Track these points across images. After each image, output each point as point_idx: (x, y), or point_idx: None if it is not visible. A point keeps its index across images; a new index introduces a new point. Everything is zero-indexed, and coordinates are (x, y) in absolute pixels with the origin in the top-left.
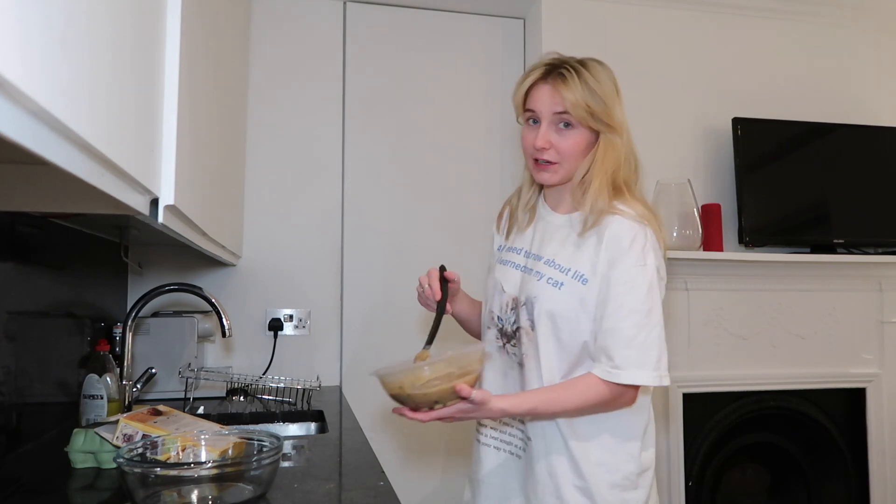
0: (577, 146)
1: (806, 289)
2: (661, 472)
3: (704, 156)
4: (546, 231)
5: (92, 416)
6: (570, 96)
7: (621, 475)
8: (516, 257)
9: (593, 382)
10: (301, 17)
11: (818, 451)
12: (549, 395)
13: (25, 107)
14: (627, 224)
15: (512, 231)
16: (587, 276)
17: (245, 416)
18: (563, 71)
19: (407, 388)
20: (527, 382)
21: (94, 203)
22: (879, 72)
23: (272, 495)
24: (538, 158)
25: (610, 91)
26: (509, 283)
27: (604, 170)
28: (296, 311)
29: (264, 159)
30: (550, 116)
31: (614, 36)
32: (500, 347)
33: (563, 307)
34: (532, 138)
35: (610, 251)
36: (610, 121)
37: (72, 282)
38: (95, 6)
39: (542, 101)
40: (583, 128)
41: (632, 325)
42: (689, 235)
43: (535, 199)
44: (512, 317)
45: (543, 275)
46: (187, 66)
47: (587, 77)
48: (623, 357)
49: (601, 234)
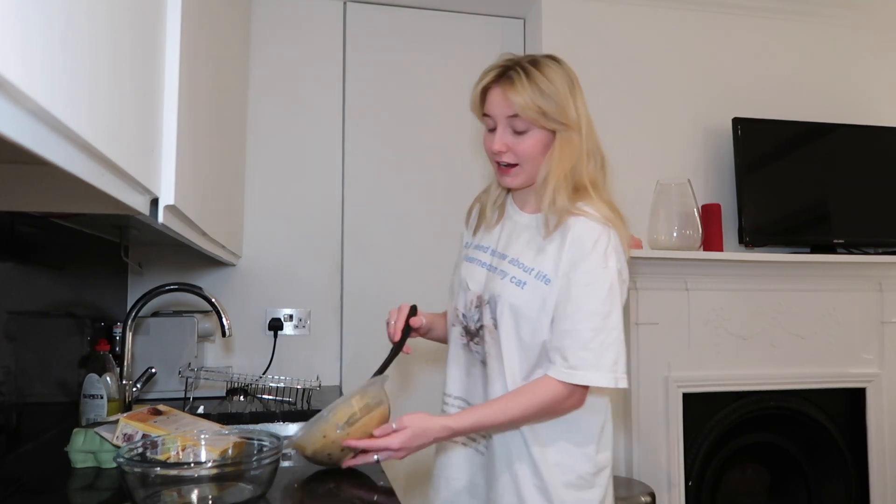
0: (533, 147)
1: (806, 289)
2: (660, 472)
3: (704, 156)
4: (513, 230)
5: (92, 415)
6: (517, 99)
7: (576, 475)
8: (483, 255)
9: (546, 384)
10: (301, 17)
11: (818, 451)
12: (493, 406)
13: (25, 107)
14: (591, 225)
15: (480, 228)
16: (550, 276)
17: (245, 416)
18: (512, 73)
19: (331, 433)
20: (489, 380)
21: (94, 203)
22: (879, 72)
23: (272, 495)
24: (499, 162)
25: (563, 88)
26: (474, 281)
27: (560, 168)
28: (296, 311)
29: (264, 159)
30: (504, 120)
31: (614, 36)
32: (465, 345)
33: (525, 306)
34: (491, 142)
35: (572, 252)
36: (564, 119)
37: (72, 282)
38: (95, 6)
39: (496, 105)
40: (538, 128)
41: (590, 327)
42: (689, 235)
43: (503, 197)
44: (476, 314)
45: (507, 273)
46: (187, 66)
47: (537, 77)
48: (578, 358)
49: (564, 234)
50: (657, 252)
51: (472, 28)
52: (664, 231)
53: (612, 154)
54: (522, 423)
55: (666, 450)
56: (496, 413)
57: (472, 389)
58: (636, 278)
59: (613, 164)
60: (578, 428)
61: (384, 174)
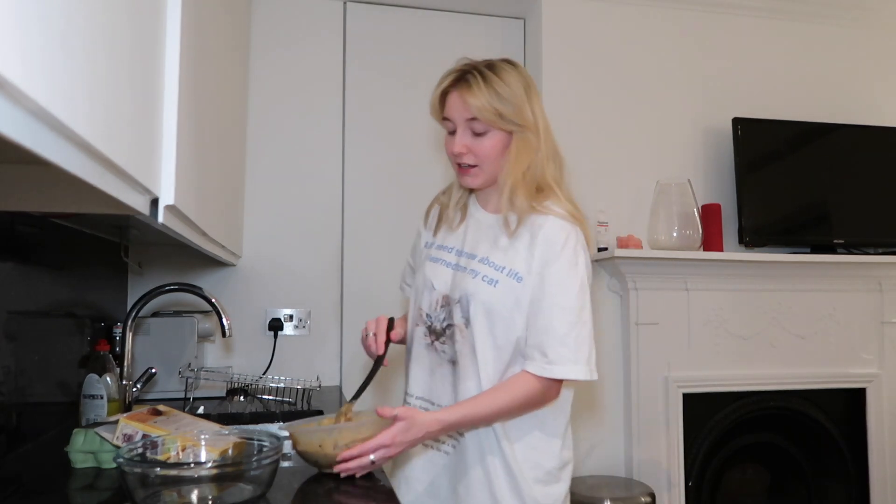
0: (493, 148)
1: (806, 289)
2: (660, 472)
3: (704, 156)
4: (478, 230)
5: (92, 415)
6: (475, 102)
7: (544, 471)
8: (447, 255)
9: (525, 380)
10: (301, 17)
11: (818, 451)
12: (479, 401)
13: (25, 106)
14: (560, 224)
15: (441, 228)
16: (522, 274)
17: (245, 416)
18: (469, 77)
19: (327, 446)
20: (460, 379)
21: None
22: (879, 72)
23: (272, 495)
24: (459, 163)
25: (519, 91)
26: (439, 281)
27: (518, 168)
28: (296, 311)
29: (264, 159)
30: (464, 123)
31: (614, 36)
32: (429, 345)
33: (498, 305)
34: (451, 145)
35: (544, 250)
36: (521, 120)
37: (72, 282)
38: (95, 6)
39: (455, 108)
40: (496, 130)
41: (565, 322)
42: (689, 235)
43: (465, 197)
44: (442, 314)
45: (479, 273)
46: (187, 66)
47: (493, 80)
48: (557, 353)
49: (535, 233)
50: (657, 252)
51: (472, 28)
52: (664, 231)
53: (612, 154)
54: (505, 417)
55: (666, 450)
56: (483, 407)
57: (437, 389)
58: (636, 278)
59: (613, 164)
60: (545, 424)
61: (384, 174)
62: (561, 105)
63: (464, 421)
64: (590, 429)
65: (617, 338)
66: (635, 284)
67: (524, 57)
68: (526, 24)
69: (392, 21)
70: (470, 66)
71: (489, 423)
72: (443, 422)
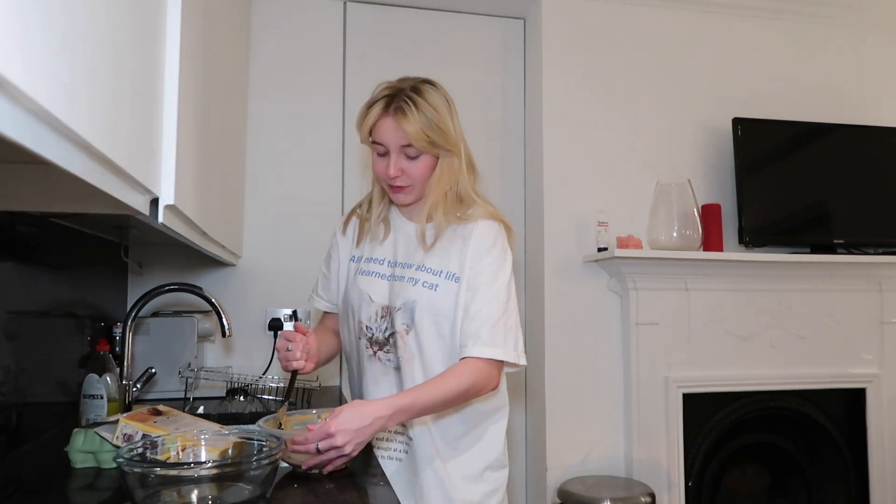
0: (426, 170)
1: (806, 289)
2: (660, 472)
3: (704, 156)
4: (408, 239)
5: (92, 415)
6: (410, 129)
7: (494, 457)
8: (379, 267)
9: (469, 365)
10: (301, 16)
11: (818, 451)
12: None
13: (25, 106)
14: (489, 224)
15: (363, 241)
16: (458, 274)
17: (245, 416)
18: (402, 104)
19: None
20: (404, 385)
21: (94, 203)
22: (879, 72)
23: (272, 495)
24: (392, 185)
25: (444, 114)
26: (376, 293)
27: (441, 188)
28: (296, 310)
29: (264, 159)
30: (398, 148)
31: (614, 36)
32: (371, 356)
33: (442, 307)
34: (384, 167)
35: (475, 250)
36: (448, 145)
37: (72, 282)
38: (96, 6)
39: (388, 133)
40: (426, 154)
41: (496, 310)
42: (689, 235)
43: (386, 210)
44: (383, 324)
45: (418, 279)
46: (187, 66)
47: (424, 106)
48: (491, 336)
49: (466, 238)
50: (657, 252)
51: (472, 28)
52: (664, 231)
53: (612, 154)
54: (452, 403)
55: (666, 450)
56: (432, 392)
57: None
58: (636, 278)
59: (613, 164)
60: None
61: None
62: (561, 105)
63: (414, 406)
64: (590, 429)
65: (617, 338)
66: (635, 284)
67: (524, 57)
68: (526, 24)
69: (392, 21)
70: (395, 89)
71: (437, 410)
72: (394, 405)
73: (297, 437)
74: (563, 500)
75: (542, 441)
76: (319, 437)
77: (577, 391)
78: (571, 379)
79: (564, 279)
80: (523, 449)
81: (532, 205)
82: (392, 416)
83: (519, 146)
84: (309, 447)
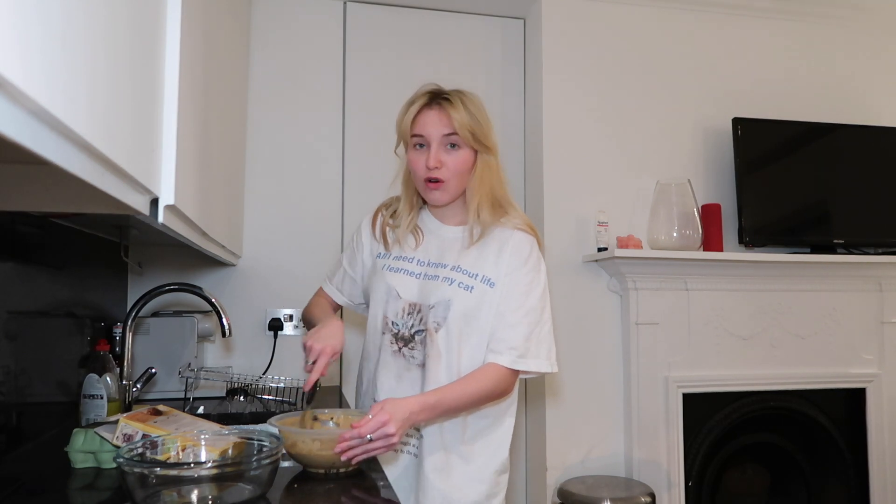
0: (464, 164)
1: (806, 289)
2: (660, 472)
3: (704, 156)
4: (443, 242)
5: (92, 415)
6: (457, 117)
7: (500, 461)
8: (409, 265)
9: (494, 370)
10: (301, 16)
11: (818, 451)
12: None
13: (25, 106)
14: (525, 237)
15: (390, 242)
16: (493, 279)
17: (245, 416)
18: (448, 96)
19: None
20: (427, 382)
21: (94, 203)
22: (879, 72)
23: (272, 495)
24: (430, 178)
25: (485, 117)
26: (405, 290)
27: (483, 186)
28: (296, 311)
29: (264, 159)
30: (440, 138)
31: (614, 36)
32: (396, 352)
33: (475, 308)
34: (423, 160)
35: (511, 259)
36: (487, 142)
37: (72, 282)
38: (95, 6)
39: (431, 124)
40: (466, 148)
41: (531, 321)
42: (689, 235)
43: (416, 217)
44: (410, 321)
45: (454, 280)
46: (187, 66)
47: (468, 102)
48: (525, 348)
49: (502, 244)
50: (657, 252)
51: (472, 28)
52: (664, 231)
53: (612, 154)
54: (473, 405)
55: (666, 450)
56: (455, 393)
57: (404, 393)
58: (636, 278)
59: (614, 164)
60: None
61: (384, 174)
62: (561, 105)
63: (439, 405)
64: (590, 429)
65: (617, 338)
66: (635, 284)
67: (524, 57)
68: (526, 24)
69: (392, 21)
70: (440, 89)
71: (457, 411)
72: (423, 403)
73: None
74: (563, 499)
75: (542, 441)
76: (377, 425)
77: (577, 391)
78: (571, 379)
79: (564, 279)
80: (523, 449)
81: (532, 204)
82: (420, 412)
83: (519, 146)
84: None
